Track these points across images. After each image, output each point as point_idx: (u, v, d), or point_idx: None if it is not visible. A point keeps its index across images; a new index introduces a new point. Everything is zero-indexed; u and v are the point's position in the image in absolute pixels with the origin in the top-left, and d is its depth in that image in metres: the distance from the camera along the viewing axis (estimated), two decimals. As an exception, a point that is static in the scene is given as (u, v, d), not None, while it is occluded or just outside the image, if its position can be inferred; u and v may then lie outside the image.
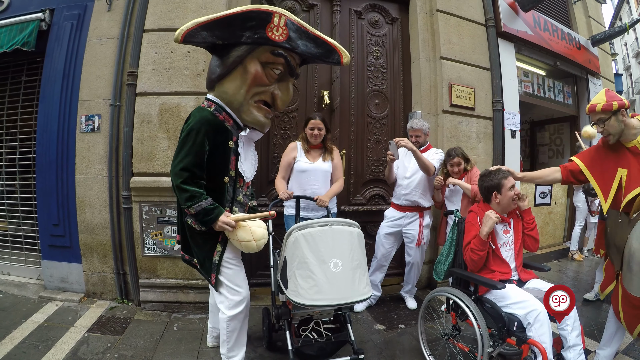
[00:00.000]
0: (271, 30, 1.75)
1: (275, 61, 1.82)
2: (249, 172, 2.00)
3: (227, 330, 1.89)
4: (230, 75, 1.82)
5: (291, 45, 1.81)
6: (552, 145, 5.86)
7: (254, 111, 1.90)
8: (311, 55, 1.91)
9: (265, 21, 1.74)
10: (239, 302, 1.88)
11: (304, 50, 1.86)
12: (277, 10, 1.77)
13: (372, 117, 3.54)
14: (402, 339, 2.64)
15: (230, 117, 1.88)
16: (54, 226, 3.11)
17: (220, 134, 1.81)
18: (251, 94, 1.85)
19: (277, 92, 1.92)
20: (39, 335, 2.51)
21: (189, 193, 1.72)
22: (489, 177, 2.15)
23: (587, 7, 5.33)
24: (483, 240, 1.99)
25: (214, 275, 1.86)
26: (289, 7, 3.36)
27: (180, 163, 1.73)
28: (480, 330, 1.86)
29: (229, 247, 1.89)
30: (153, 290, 2.96)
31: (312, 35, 1.86)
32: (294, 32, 1.80)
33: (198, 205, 1.73)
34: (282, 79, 1.92)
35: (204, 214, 1.74)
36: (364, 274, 1.90)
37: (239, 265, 1.95)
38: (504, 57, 3.90)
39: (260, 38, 1.75)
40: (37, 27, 3.13)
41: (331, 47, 1.90)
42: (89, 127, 3.08)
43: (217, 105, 1.86)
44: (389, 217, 3.07)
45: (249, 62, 1.79)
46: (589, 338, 2.52)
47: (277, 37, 1.76)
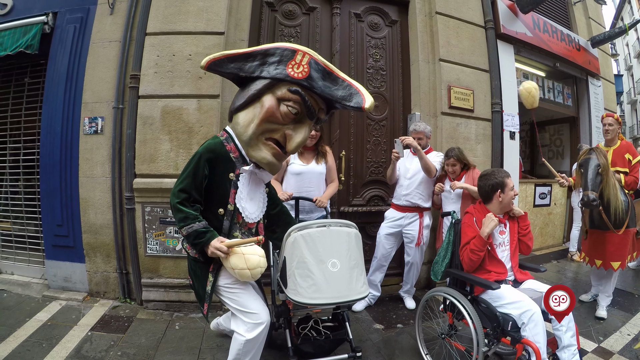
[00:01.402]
0: (291, 67, 1.73)
1: (291, 98, 1.75)
2: (252, 213, 1.91)
3: (242, 350, 1.78)
4: (246, 108, 1.79)
5: (310, 84, 1.74)
6: (552, 146, 5.90)
7: (262, 148, 1.82)
8: (331, 97, 1.81)
9: (287, 57, 1.73)
10: (258, 324, 1.78)
11: (323, 91, 1.78)
12: (302, 48, 1.76)
13: (372, 119, 3.59)
14: (400, 338, 2.69)
15: (237, 149, 1.84)
16: (58, 226, 3.17)
17: (222, 164, 1.79)
18: (261, 129, 1.78)
19: (290, 132, 1.83)
20: (43, 334, 2.56)
21: (183, 214, 1.71)
22: (493, 175, 2.18)
23: (587, 8, 5.36)
24: (483, 240, 2.03)
25: (206, 305, 1.82)
26: (289, 10, 3.42)
27: (180, 184, 1.74)
28: (476, 329, 1.91)
29: (225, 273, 1.82)
30: (155, 290, 3.02)
31: (335, 76, 1.80)
32: (315, 71, 1.75)
33: (190, 227, 1.70)
34: (300, 120, 1.83)
35: (194, 236, 1.71)
36: (361, 273, 1.95)
37: (242, 288, 1.85)
38: (503, 59, 3.94)
39: (280, 73, 1.73)
40: (41, 30, 3.19)
41: (354, 89, 1.80)
42: (92, 129, 3.14)
43: (229, 135, 1.86)
44: (389, 217, 3.12)
45: (265, 97, 1.76)
46: (585, 338, 2.56)
47: (296, 74, 1.73)
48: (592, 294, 3.27)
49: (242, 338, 1.76)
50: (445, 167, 3.06)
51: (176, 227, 1.77)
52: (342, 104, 1.83)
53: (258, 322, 1.78)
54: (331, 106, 1.90)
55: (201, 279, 1.82)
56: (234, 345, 1.79)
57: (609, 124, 3.19)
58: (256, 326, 1.77)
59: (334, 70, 1.80)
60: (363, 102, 1.77)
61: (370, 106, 1.77)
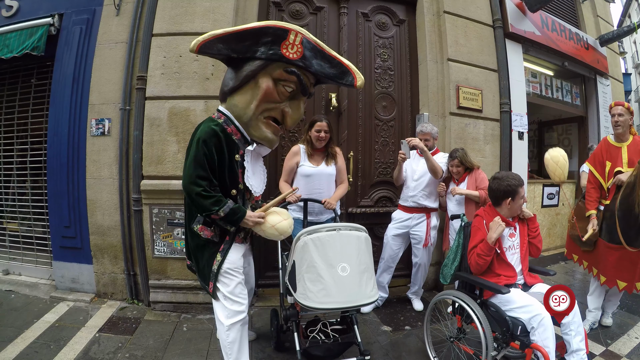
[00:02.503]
0: (286, 48, 1.77)
1: (287, 78, 1.84)
2: (258, 187, 2.03)
3: (228, 341, 1.89)
4: (242, 89, 1.85)
5: (305, 63, 1.82)
6: (560, 145, 5.88)
7: (262, 127, 1.92)
8: (324, 76, 1.91)
9: (280, 38, 1.77)
10: (237, 312, 1.89)
11: (317, 70, 1.87)
12: (294, 27, 1.80)
13: (380, 120, 3.61)
14: (408, 340, 2.72)
15: (239, 131, 1.90)
16: (65, 228, 3.22)
17: (227, 147, 1.84)
18: (261, 109, 1.87)
19: (287, 109, 1.93)
20: (50, 335, 2.59)
21: (214, 198, 1.77)
22: (506, 181, 2.15)
23: (595, 6, 5.34)
24: (490, 245, 2.05)
25: (212, 284, 1.90)
26: (296, 9, 3.43)
27: (196, 171, 1.76)
28: (485, 333, 1.93)
29: (230, 258, 1.92)
30: (163, 291, 3.06)
31: (328, 55, 1.87)
32: (309, 50, 1.82)
33: (227, 206, 1.79)
34: (294, 97, 1.93)
35: (232, 214, 1.80)
36: (371, 277, 1.98)
37: (239, 276, 1.95)
38: (511, 58, 3.94)
39: (274, 54, 1.78)
40: (47, 31, 3.22)
41: (346, 68, 1.90)
42: (99, 130, 3.18)
43: (227, 117, 1.89)
44: (396, 218, 3.15)
45: (261, 78, 1.82)
46: (593, 341, 2.58)
47: (291, 55, 1.78)
48: (590, 322, 2.79)
49: (222, 327, 1.88)
50: (450, 168, 3.08)
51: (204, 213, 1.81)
52: (335, 82, 1.96)
53: (238, 310, 1.88)
54: (319, 80, 2.01)
55: (209, 259, 1.91)
56: (220, 337, 1.92)
57: (618, 114, 2.68)
58: (236, 313, 1.88)
59: (325, 48, 1.87)
60: (355, 81, 1.90)
61: (361, 84, 1.92)
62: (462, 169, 3.04)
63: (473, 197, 2.92)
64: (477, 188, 2.94)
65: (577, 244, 2.87)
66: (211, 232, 1.91)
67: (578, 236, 2.76)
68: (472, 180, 2.99)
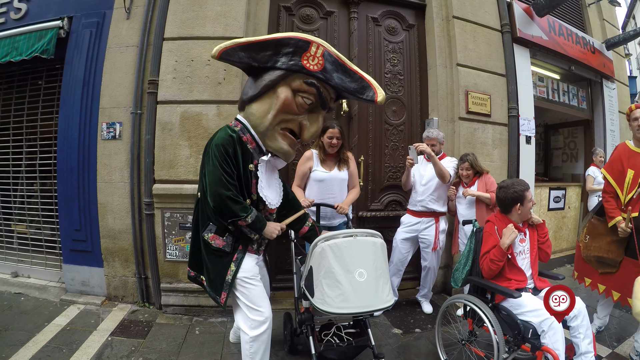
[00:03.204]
0: (307, 59, 1.81)
1: (307, 90, 1.86)
2: (273, 199, 2.05)
3: (250, 352, 1.89)
4: (261, 99, 1.88)
5: (325, 76, 1.85)
6: (566, 149, 6.04)
7: (278, 138, 1.94)
8: (345, 90, 1.93)
9: (302, 49, 1.80)
10: (261, 322, 1.89)
11: (338, 83, 1.88)
12: (316, 40, 1.84)
13: (390, 124, 3.73)
14: (418, 343, 2.83)
15: (254, 140, 1.93)
16: (76, 231, 3.31)
17: (242, 155, 1.87)
18: (278, 120, 1.89)
19: (305, 122, 1.95)
20: (62, 339, 2.65)
21: (242, 204, 1.82)
22: (512, 188, 2.28)
23: (601, 10, 5.48)
24: (503, 251, 2.17)
25: (224, 294, 1.89)
26: (306, 14, 3.53)
27: (223, 175, 1.79)
28: (497, 337, 2.05)
29: (244, 266, 1.94)
30: (174, 295, 3.16)
31: (349, 68, 1.89)
32: (330, 63, 1.84)
33: (253, 213, 1.84)
34: (313, 110, 1.95)
35: (257, 221, 1.86)
36: (387, 282, 2.08)
37: (258, 283, 1.97)
38: (519, 63, 4.06)
39: (295, 65, 1.81)
40: (56, 34, 3.30)
41: (367, 83, 1.92)
42: (110, 134, 3.27)
43: (243, 126, 1.92)
44: (405, 222, 3.27)
45: (280, 88, 1.85)
46: (599, 343, 2.70)
47: (312, 67, 1.82)
48: (597, 327, 2.88)
49: (246, 337, 1.89)
50: (460, 171, 3.20)
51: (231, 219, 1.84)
52: (355, 96, 1.96)
53: (261, 319, 1.89)
54: (340, 95, 2.02)
55: (221, 269, 1.92)
56: (243, 347, 1.92)
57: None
58: (260, 324, 1.89)
59: (346, 62, 1.90)
60: (375, 96, 1.91)
61: (381, 99, 1.92)
62: (472, 173, 3.17)
63: (484, 198, 3.04)
64: (487, 191, 3.07)
65: (593, 267, 2.67)
66: (223, 242, 1.92)
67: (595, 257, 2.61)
68: (482, 184, 3.11)
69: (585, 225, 2.80)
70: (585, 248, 2.73)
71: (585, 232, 2.74)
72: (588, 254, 2.71)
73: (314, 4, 3.56)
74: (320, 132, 2.23)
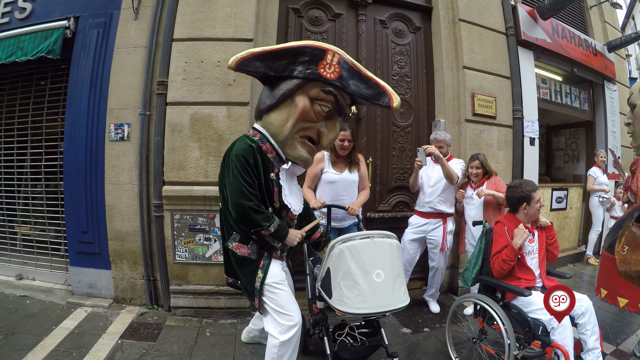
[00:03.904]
0: (323, 67, 1.86)
1: (324, 98, 1.92)
2: (296, 206, 2.13)
3: (278, 355, 1.92)
4: (278, 108, 1.93)
5: (342, 84, 1.91)
6: (568, 149, 6.23)
7: (298, 146, 2.00)
8: (361, 96, 1.99)
9: (318, 57, 1.86)
10: (291, 327, 1.93)
11: (354, 90, 1.94)
12: (332, 48, 1.90)
13: (397, 126, 3.86)
14: (428, 341, 2.95)
15: (274, 149, 1.99)
16: (83, 233, 3.37)
17: (262, 164, 1.92)
18: (297, 128, 1.95)
19: (323, 129, 2.01)
20: (71, 342, 2.68)
21: (264, 214, 1.88)
22: (520, 188, 2.44)
23: (602, 12, 5.69)
24: (515, 251, 2.30)
25: (257, 300, 1.97)
26: (315, 16, 3.64)
27: (245, 185, 1.84)
28: (508, 334, 2.17)
29: (271, 272, 2.00)
30: (184, 297, 3.24)
31: (364, 75, 1.95)
32: (346, 71, 1.90)
33: (275, 222, 1.91)
34: (330, 117, 2.02)
35: (280, 230, 1.93)
36: (403, 282, 2.19)
37: (286, 288, 2.03)
38: (523, 65, 4.22)
39: (312, 74, 1.87)
40: (62, 34, 3.34)
41: (382, 89, 1.98)
42: (118, 135, 3.33)
43: (262, 135, 1.98)
44: (413, 223, 3.40)
45: (298, 96, 1.91)
46: (604, 340, 2.84)
47: (329, 75, 1.87)
48: None
49: (276, 341, 1.92)
50: (470, 169, 3.34)
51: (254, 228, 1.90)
52: (371, 102, 2.03)
53: (291, 324, 1.94)
54: (355, 101, 2.10)
55: (250, 276, 1.99)
56: (269, 350, 1.95)
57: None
58: (289, 328, 1.93)
59: (362, 69, 1.96)
60: (391, 102, 1.98)
61: (397, 105, 1.99)
62: (481, 173, 3.30)
63: (499, 198, 3.14)
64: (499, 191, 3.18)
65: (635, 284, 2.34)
66: (248, 250, 1.99)
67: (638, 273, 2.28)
68: (492, 185, 3.24)
69: (623, 234, 2.35)
70: (622, 262, 2.33)
71: (624, 242, 2.33)
72: (627, 269, 2.32)
73: (323, 6, 3.67)
74: (337, 138, 2.31)
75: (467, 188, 3.40)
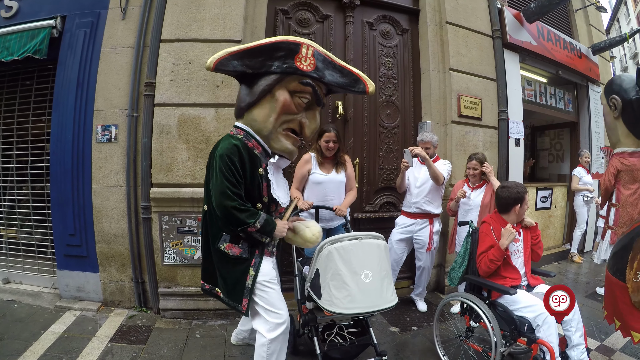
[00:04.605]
0: (299, 61, 1.92)
1: (303, 90, 1.99)
2: (284, 198, 2.16)
3: (267, 353, 1.93)
4: (259, 104, 1.96)
5: (318, 75, 1.97)
6: (553, 150, 6.33)
7: (282, 139, 2.05)
8: (337, 85, 2.06)
9: (293, 52, 1.91)
10: (279, 324, 1.96)
11: (330, 80, 2.01)
12: (305, 41, 1.97)
13: (384, 127, 3.87)
14: (416, 340, 2.98)
15: (259, 145, 2.02)
16: (70, 236, 3.31)
17: (249, 161, 1.93)
18: (280, 122, 2.00)
19: (304, 120, 2.08)
20: (61, 347, 2.64)
21: (249, 211, 1.88)
22: (515, 189, 2.46)
23: (587, 16, 5.79)
24: (502, 251, 2.32)
25: (246, 300, 1.94)
26: (303, 17, 3.63)
27: (228, 186, 1.85)
28: (494, 332, 2.20)
29: (263, 270, 2.01)
30: (173, 299, 3.21)
31: (338, 65, 2.03)
32: (320, 62, 1.97)
33: (261, 217, 1.91)
34: (309, 107, 2.08)
35: (267, 225, 1.93)
36: (391, 282, 2.20)
37: (276, 286, 2.04)
38: (509, 68, 4.27)
39: (289, 67, 1.92)
40: (49, 34, 3.28)
41: (357, 76, 2.06)
42: (105, 137, 3.28)
43: (246, 132, 2.01)
44: (400, 224, 3.41)
45: (277, 91, 1.95)
46: (588, 337, 2.89)
47: (305, 67, 1.93)
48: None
49: (264, 339, 1.94)
50: (467, 170, 3.31)
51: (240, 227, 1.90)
52: (348, 90, 2.12)
53: (279, 321, 1.96)
54: (330, 90, 2.17)
55: (240, 276, 1.98)
56: (258, 349, 1.96)
57: None
58: (277, 326, 1.95)
59: (335, 59, 2.03)
60: (367, 88, 2.07)
61: (372, 90, 2.07)
62: (479, 173, 3.23)
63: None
64: None
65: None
66: (239, 249, 1.98)
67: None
68: (491, 190, 3.13)
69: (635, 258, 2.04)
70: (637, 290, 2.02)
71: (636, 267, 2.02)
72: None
73: (311, 7, 3.67)
74: (318, 129, 2.35)
75: (465, 188, 3.32)
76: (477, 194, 3.28)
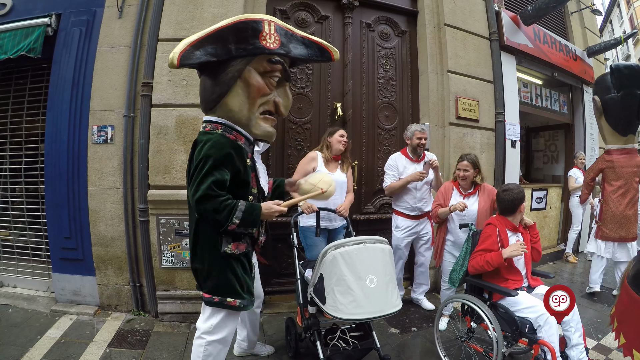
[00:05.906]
0: (264, 39, 1.81)
1: (272, 69, 1.89)
2: (266, 186, 2.14)
3: (204, 354, 1.92)
4: (231, 93, 1.84)
5: (285, 50, 1.89)
6: (547, 151, 6.41)
7: (262, 123, 1.96)
8: (304, 57, 2.00)
9: (257, 30, 1.80)
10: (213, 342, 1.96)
11: (296, 54, 1.95)
12: (265, 17, 1.87)
13: (382, 129, 3.88)
14: (416, 341, 2.98)
15: (241, 135, 1.92)
16: (66, 239, 3.26)
17: (238, 156, 1.85)
18: (257, 106, 1.91)
19: (278, 99, 2.00)
20: (58, 352, 2.58)
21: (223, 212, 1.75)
22: (517, 189, 2.50)
23: (583, 18, 5.87)
24: (502, 260, 2.33)
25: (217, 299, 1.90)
26: (301, 18, 3.62)
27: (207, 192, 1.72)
28: (496, 333, 2.22)
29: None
30: (171, 302, 3.17)
31: (300, 37, 1.98)
32: (284, 36, 1.90)
33: (238, 211, 1.77)
34: (279, 84, 2.00)
35: (248, 214, 1.79)
36: (395, 287, 2.20)
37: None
38: (505, 70, 4.31)
39: (256, 49, 1.81)
40: (44, 32, 3.21)
41: (320, 46, 2.04)
42: (101, 138, 3.23)
43: (225, 125, 1.88)
44: (403, 227, 3.39)
45: (247, 75, 1.84)
46: (586, 336, 2.94)
47: (272, 45, 1.83)
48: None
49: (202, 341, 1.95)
50: (456, 172, 3.04)
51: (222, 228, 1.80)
52: (315, 60, 2.10)
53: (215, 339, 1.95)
54: (294, 63, 2.12)
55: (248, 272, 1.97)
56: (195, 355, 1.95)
57: None
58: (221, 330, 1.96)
59: (295, 31, 1.97)
60: (332, 55, 2.08)
61: (337, 56, 2.10)
62: (471, 175, 2.94)
63: None
64: (492, 201, 2.93)
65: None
66: (245, 243, 1.93)
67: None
68: (485, 195, 3.01)
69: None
70: None
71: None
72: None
73: (310, 8, 3.65)
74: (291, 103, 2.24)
75: (454, 194, 3.05)
76: (472, 202, 3.02)
